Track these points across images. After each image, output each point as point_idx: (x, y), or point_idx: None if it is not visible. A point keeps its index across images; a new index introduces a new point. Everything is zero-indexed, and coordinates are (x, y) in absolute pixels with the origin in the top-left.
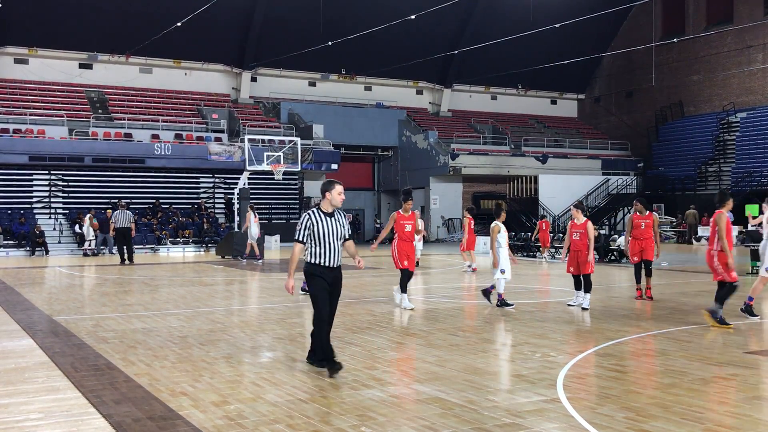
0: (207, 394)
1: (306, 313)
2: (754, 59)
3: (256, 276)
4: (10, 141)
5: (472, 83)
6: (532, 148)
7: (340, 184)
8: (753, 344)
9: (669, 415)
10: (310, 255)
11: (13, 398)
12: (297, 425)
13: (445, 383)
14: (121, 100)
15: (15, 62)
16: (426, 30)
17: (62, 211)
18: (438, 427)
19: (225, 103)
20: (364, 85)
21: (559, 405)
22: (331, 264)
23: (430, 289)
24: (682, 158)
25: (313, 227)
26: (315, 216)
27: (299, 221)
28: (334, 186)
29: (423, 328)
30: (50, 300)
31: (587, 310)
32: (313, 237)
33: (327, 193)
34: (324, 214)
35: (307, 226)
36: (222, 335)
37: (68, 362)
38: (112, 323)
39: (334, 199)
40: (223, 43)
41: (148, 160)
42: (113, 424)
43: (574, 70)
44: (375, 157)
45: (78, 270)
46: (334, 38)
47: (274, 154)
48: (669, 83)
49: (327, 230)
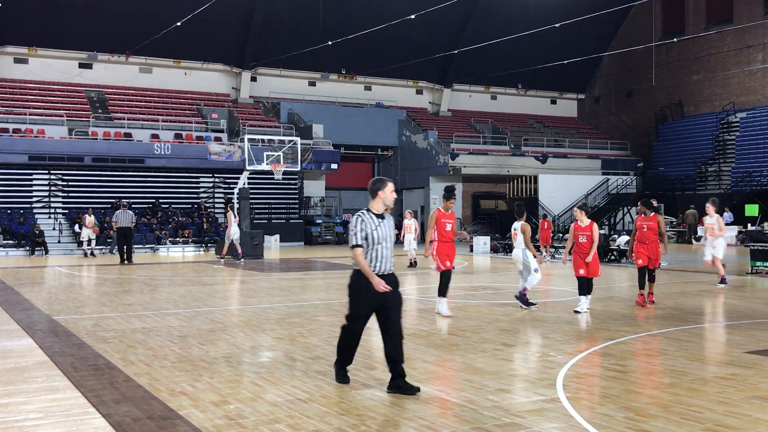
0: (207, 393)
1: (309, 315)
2: (753, 59)
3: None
4: (9, 141)
5: (472, 83)
6: (532, 148)
7: (391, 181)
8: (753, 344)
9: (669, 415)
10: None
11: (12, 398)
12: (297, 425)
13: (444, 383)
14: (120, 100)
15: (15, 62)
16: (426, 30)
17: (62, 210)
18: (437, 427)
19: (225, 103)
20: (363, 84)
21: (558, 405)
22: (384, 271)
23: (430, 289)
24: (682, 158)
25: (367, 230)
26: (367, 218)
27: (351, 225)
28: (386, 184)
29: (423, 328)
30: (50, 300)
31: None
32: (366, 241)
33: (380, 192)
34: (376, 216)
35: (362, 228)
36: (222, 335)
37: (68, 362)
38: (112, 323)
39: (387, 198)
40: (222, 42)
41: (148, 160)
42: (113, 423)
43: (574, 70)
44: (375, 156)
45: (77, 270)
46: (334, 38)
47: (273, 154)
48: (669, 83)
49: (380, 234)
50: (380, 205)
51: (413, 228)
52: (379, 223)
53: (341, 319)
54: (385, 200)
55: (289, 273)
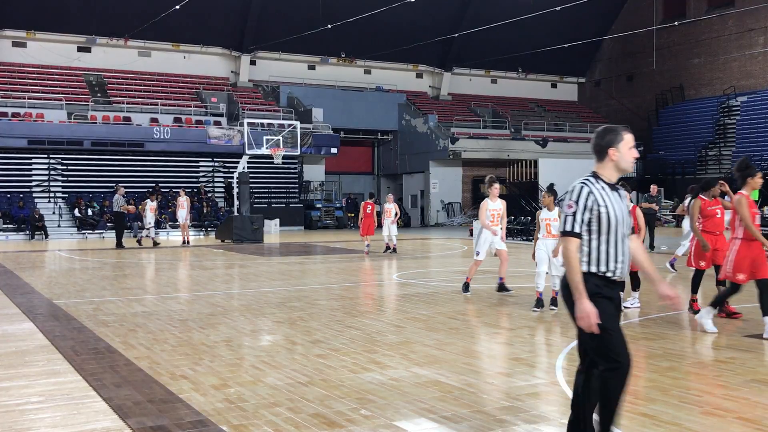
0: (207, 377)
1: (309, 299)
2: (755, 43)
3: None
4: (8, 125)
5: (472, 66)
6: (532, 132)
7: (629, 131)
8: (752, 328)
9: (667, 398)
10: (587, 259)
11: (13, 381)
12: (297, 408)
13: (444, 366)
14: (119, 84)
15: (13, 45)
16: (426, 13)
17: (61, 194)
18: (437, 410)
19: (224, 87)
20: (363, 68)
21: (557, 388)
22: (621, 275)
23: (430, 273)
24: (683, 142)
25: (598, 208)
26: (597, 189)
27: (572, 197)
28: (621, 135)
29: (422, 312)
30: (50, 284)
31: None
32: (597, 226)
33: (611, 149)
34: (609, 186)
35: (589, 206)
36: (222, 319)
37: (68, 346)
38: (112, 307)
39: (623, 158)
40: (222, 26)
41: (147, 144)
42: (114, 407)
43: (575, 53)
44: (374, 141)
45: (78, 254)
46: (334, 21)
47: (273, 138)
48: (669, 67)
49: (616, 213)
50: (612, 171)
51: (393, 212)
52: (615, 199)
53: (342, 303)
54: (619, 162)
55: (288, 257)
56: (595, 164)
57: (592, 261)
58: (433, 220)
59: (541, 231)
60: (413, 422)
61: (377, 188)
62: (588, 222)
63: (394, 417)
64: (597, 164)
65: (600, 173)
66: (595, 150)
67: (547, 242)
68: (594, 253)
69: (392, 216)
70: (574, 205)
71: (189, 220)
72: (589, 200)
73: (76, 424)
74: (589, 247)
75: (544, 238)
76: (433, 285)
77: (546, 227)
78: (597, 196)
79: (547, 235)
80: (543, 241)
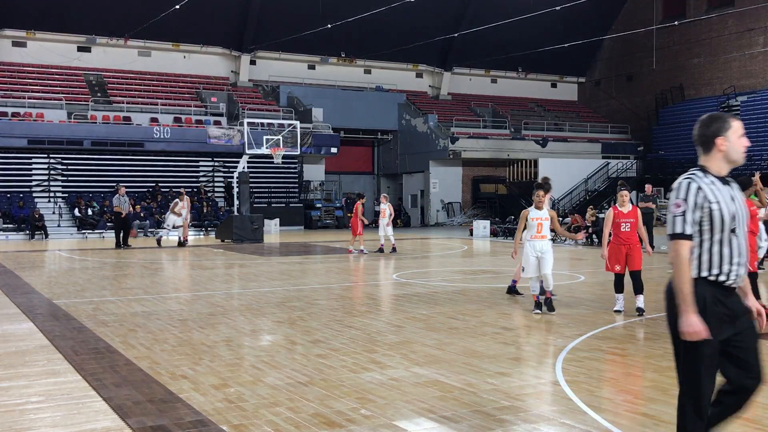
0: (207, 377)
1: (308, 299)
2: (755, 42)
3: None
4: (8, 125)
5: (472, 66)
6: (532, 132)
7: (736, 119)
8: None
9: (667, 398)
10: (697, 263)
11: (13, 381)
12: (297, 408)
13: (444, 366)
14: (119, 84)
15: (13, 45)
16: (426, 13)
17: (61, 194)
18: (437, 410)
19: (224, 87)
20: (363, 68)
21: (558, 388)
22: (736, 282)
23: (429, 273)
24: (683, 142)
25: (710, 205)
26: (706, 182)
27: (679, 194)
28: (728, 123)
29: (422, 312)
30: (50, 283)
31: (644, 311)
32: (710, 225)
33: (718, 138)
34: (720, 180)
35: (699, 204)
36: (222, 319)
37: (68, 345)
38: (112, 307)
39: (732, 147)
40: (221, 25)
41: (147, 144)
42: (114, 407)
43: (575, 53)
44: (374, 140)
45: (77, 254)
46: (334, 21)
47: (273, 138)
48: (669, 66)
49: (730, 211)
50: (721, 162)
51: (387, 213)
52: (726, 194)
53: (342, 302)
54: (729, 152)
55: (288, 257)
56: (701, 157)
57: (703, 264)
58: (433, 219)
59: (530, 231)
60: (413, 422)
61: (377, 188)
62: (699, 220)
63: (394, 417)
64: (703, 157)
65: (707, 166)
66: (701, 141)
67: (535, 244)
68: (705, 255)
69: (386, 216)
70: (683, 204)
71: (189, 219)
72: (699, 197)
73: (76, 424)
74: (700, 249)
75: (533, 240)
76: (433, 285)
77: (537, 227)
78: (707, 191)
79: (536, 236)
80: (532, 243)
